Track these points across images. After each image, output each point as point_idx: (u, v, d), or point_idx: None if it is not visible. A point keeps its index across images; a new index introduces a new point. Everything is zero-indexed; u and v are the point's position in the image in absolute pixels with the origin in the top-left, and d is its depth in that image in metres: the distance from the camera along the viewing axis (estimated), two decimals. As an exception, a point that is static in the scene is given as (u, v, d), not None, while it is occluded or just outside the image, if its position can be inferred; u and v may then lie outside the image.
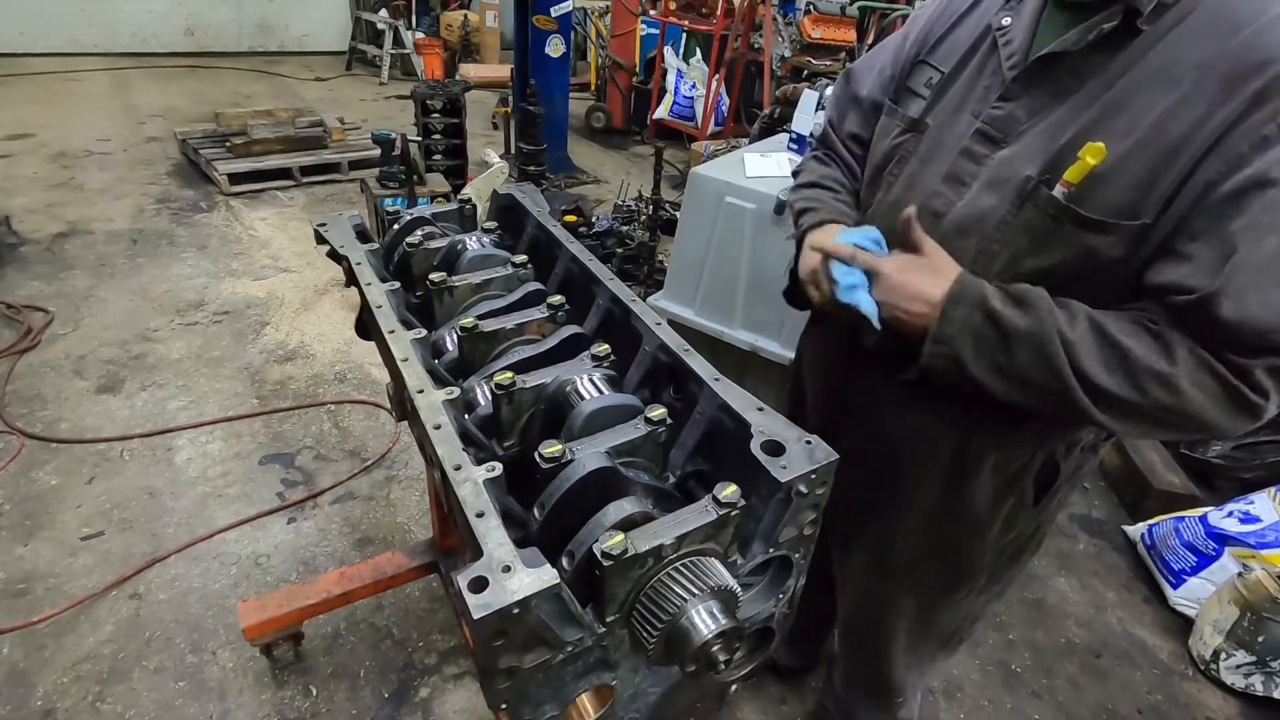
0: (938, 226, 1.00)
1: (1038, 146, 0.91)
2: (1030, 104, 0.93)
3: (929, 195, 1.01)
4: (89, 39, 8.13)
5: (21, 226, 4.19)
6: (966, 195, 0.97)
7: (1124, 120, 0.84)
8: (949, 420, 1.08)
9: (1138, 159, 0.83)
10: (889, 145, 1.11)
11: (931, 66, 1.08)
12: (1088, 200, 0.86)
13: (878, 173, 1.12)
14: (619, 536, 0.74)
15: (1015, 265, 0.93)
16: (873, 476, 1.22)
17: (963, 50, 1.04)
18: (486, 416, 1.05)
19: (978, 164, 0.97)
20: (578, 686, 0.83)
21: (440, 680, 1.99)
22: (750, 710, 1.99)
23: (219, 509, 2.46)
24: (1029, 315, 0.88)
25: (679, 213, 2.80)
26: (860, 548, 1.35)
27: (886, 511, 1.24)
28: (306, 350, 3.36)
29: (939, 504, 1.17)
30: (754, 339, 2.55)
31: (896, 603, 1.36)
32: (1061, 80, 0.91)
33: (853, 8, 5.46)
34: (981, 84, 1.00)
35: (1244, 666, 2.13)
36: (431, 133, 4.57)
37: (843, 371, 1.21)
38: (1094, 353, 0.85)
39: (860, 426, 1.21)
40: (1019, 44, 0.96)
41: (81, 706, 1.85)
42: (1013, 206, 0.92)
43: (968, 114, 1.00)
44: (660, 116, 6.73)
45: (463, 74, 7.71)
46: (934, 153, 1.03)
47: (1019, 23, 0.97)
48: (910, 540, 1.24)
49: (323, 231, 1.44)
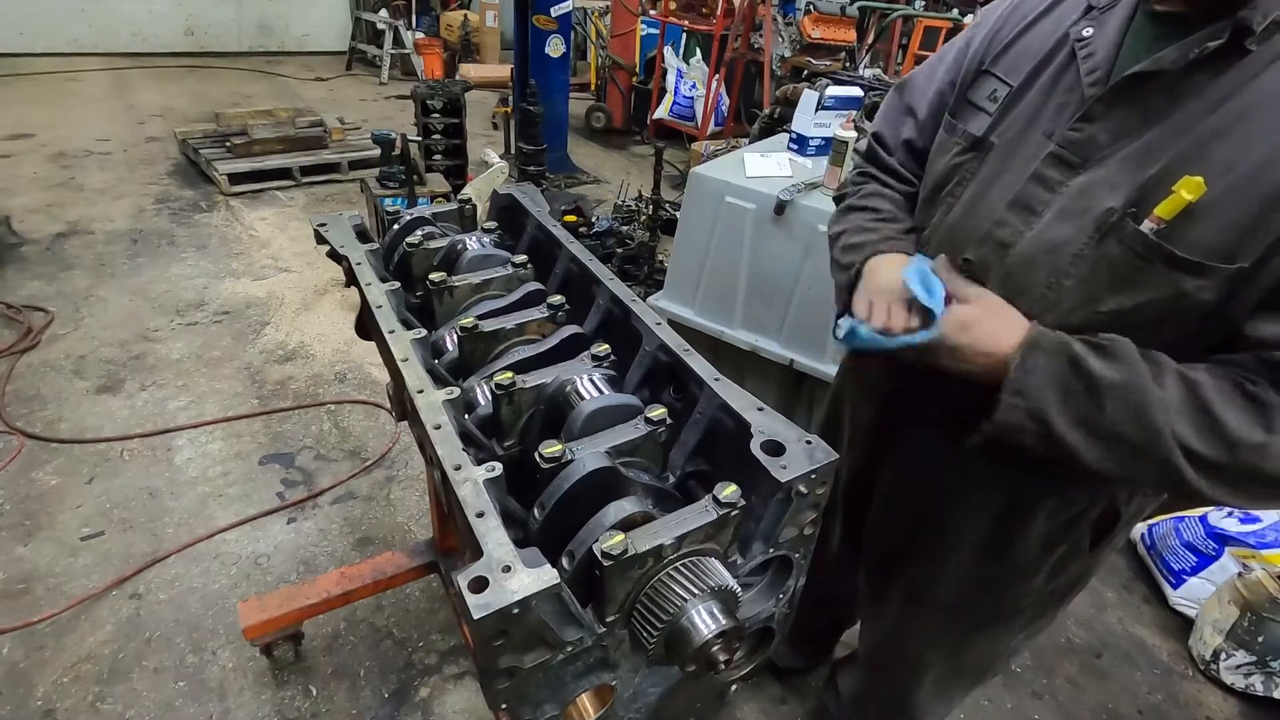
0: (1004, 258, 0.91)
1: (1122, 175, 0.82)
2: (1114, 127, 0.83)
3: (994, 223, 0.92)
4: (89, 39, 8.13)
5: (21, 226, 4.19)
6: (1037, 225, 0.88)
7: (1227, 152, 0.75)
8: (1005, 463, 0.98)
9: (1241, 197, 0.74)
10: (948, 164, 1.01)
11: (997, 78, 0.97)
12: (1180, 239, 0.77)
13: (935, 193, 1.04)
14: (619, 536, 0.74)
15: (1091, 304, 0.84)
16: (916, 515, 1.17)
17: (1034, 61, 0.94)
18: (486, 416, 1.05)
19: (1051, 191, 0.87)
20: (578, 686, 0.82)
21: (440, 680, 1.99)
22: (750, 710, 1.99)
23: (219, 509, 2.46)
24: (1118, 365, 0.79)
25: (679, 213, 2.80)
26: (898, 583, 1.30)
27: (929, 550, 1.18)
28: (306, 350, 3.36)
29: (986, 547, 1.10)
30: (754, 339, 2.55)
31: (932, 639, 1.31)
32: (1152, 102, 0.81)
33: (853, 8, 5.46)
34: (1055, 101, 0.90)
35: (1244, 666, 2.13)
36: (431, 133, 4.57)
37: (887, 407, 1.14)
38: (1184, 412, 0.77)
39: (904, 464, 1.16)
40: (1102, 58, 0.86)
41: (81, 706, 1.85)
42: (1091, 239, 0.83)
43: (1039, 134, 0.90)
44: (660, 116, 6.74)
45: (463, 74, 7.71)
46: (999, 175, 0.94)
47: (1103, 34, 0.87)
48: (952, 580, 1.18)
49: (323, 231, 1.44)
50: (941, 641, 1.30)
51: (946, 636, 1.29)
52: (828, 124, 2.61)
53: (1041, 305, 0.87)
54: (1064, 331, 0.85)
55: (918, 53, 6.36)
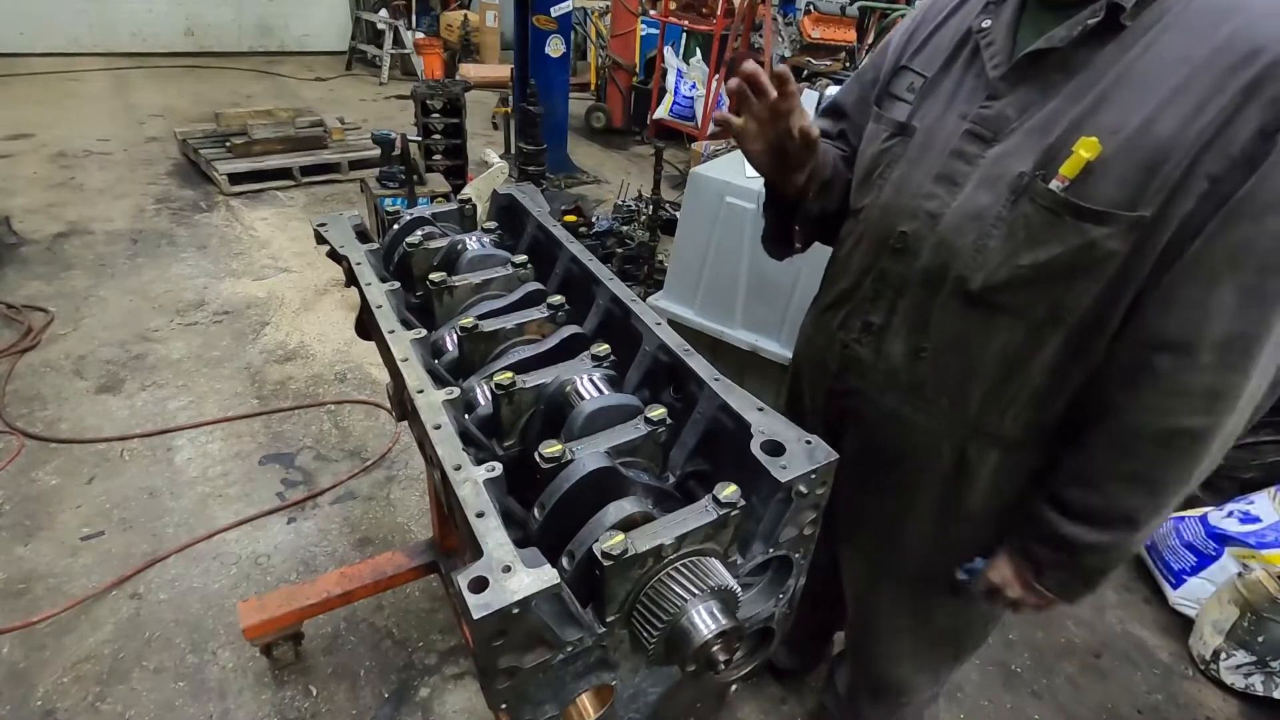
0: (934, 228, 1.00)
1: (1029, 143, 0.91)
2: (1018, 101, 0.94)
3: (922, 197, 1.02)
4: (89, 39, 8.13)
5: (21, 226, 4.19)
6: (960, 195, 0.98)
7: (1114, 115, 0.85)
8: (953, 422, 1.08)
9: (1131, 152, 0.83)
10: (877, 150, 1.11)
11: (914, 72, 1.09)
12: (1083, 193, 0.86)
13: (867, 177, 1.13)
14: (619, 536, 0.74)
15: (1012, 260, 0.93)
16: (874, 477, 1.22)
17: (945, 54, 1.05)
18: (486, 416, 1.05)
19: (969, 164, 0.98)
20: (578, 686, 0.82)
21: (440, 680, 1.99)
22: (750, 710, 1.99)
23: (219, 509, 2.46)
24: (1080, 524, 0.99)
25: (679, 213, 2.80)
26: (863, 551, 1.35)
27: (887, 511, 1.23)
28: (306, 350, 3.36)
29: (940, 507, 1.16)
30: (754, 339, 2.55)
31: (899, 608, 1.35)
32: (1049, 76, 0.91)
33: (853, 8, 5.46)
34: (966, 85, 1.01)
35: (1244, 666, 2.13)
36: (431, 133, 4.57)
37: (841, 372, 1.21)
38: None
39: (863, 434, 1.21)
40: (1001, 44, 0.97)
41: (81, 706, 1.85)
42: (1008, 202, 0.93)
43: (955, 115, 1.01)
44: (660, 116, 6.73)
45: (463, 74, 7.70)
46: (923, 155, 1.04)
47: (999, 24, 0.98)
48: (912, 545, 1.23)
49: (323, 231, 1.44)
50: (909, 609, 1.34)
51: (913, 603, 1.33)
52: (828, 124, 2.60)
53: (971, 266, 0.97)
54: (991, 289, 0.95)
55: (918, 53, 6.35)
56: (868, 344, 1.13)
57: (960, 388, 1.04)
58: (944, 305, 1.01)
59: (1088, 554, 1.01)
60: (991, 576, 1.13)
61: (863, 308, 1.13)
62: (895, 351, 1.09)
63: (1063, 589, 1.07)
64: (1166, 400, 0.89)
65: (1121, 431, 0.94)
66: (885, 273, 1.08)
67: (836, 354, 1.20)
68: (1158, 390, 0.89)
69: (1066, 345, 0.96)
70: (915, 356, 1.07)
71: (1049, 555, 1.05)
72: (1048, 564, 1.06)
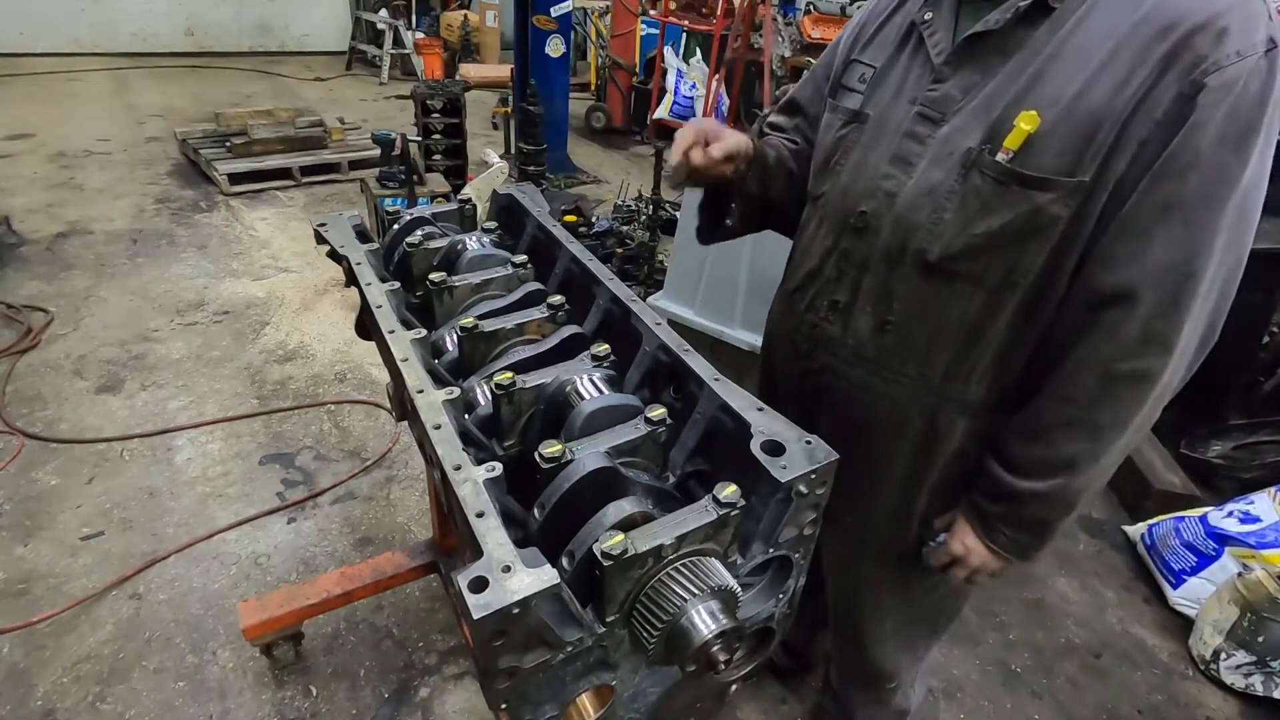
0: (892, 206, 1.06)
1: (974, 120, 0.98)
2: (962, 82, 1.00)
3: (880, 178, 1.08)
4: (89, 39, 8.14)
5: (21, 226, 4.19)
6: (915, 173, 1.04)
7: (1050, 89, 0.91)
8: (921, 390, 1.12)
9: (1067, 123, 0.90)
10: (834, 138, 1.18)
11: (863, 64, 1.16)
12: (1028, 162, 0.92)
13: (826, 164, 1.19)
14: (619, 536, 0.74)
15: (966, 230, 0.99)
16: (848, 450, 1.23)
17: (892, 46, 1.12)
18: (486, 416, 1.05)
19: (921, 144, 1.04)
20: (578, 686, 0.82)
21: (440, 680, 1.99)
22: (750, 710, 1.99)
23: (219, 509, 2.46)
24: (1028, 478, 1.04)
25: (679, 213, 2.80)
26: (839, 527, 1.35)
27: (861, 484, 1.25)
28: (306, 350, 3.36)
29: (910, 477, 1.20)
30: (754, 339, 2.55)
31: (877, 579, 1.37)
32: (988, 58, 0.98)
33: (852, 7, 5.46)
34: (914, 73, 1.08)
35: (1244, 666, 2.13)
36: (431, 133, 4.57)
37: (811, 350, 1.24)
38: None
39: (833, 408, 1.24)
40: (944, 34, 1.04)
41: (81, 706, 1.85)
42: (959, 177, 0.99)
43: (905, 100, 1.07)
44: (660, 116, 6.73)
45: (463, 74, 7.70)
46: (877, 139, 1.10)
47: (940, 16, 1.05)
48: (884, 518, 1.26)
49: (323, 231, 1.44)
50: (887, 586, 1.37)
51: (890, 580, 1.36)
52: (828, 124, 2.60)
53: (929, 238, 1.02)
54: (949, 258, 1.01)
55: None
56: (835, 321, 1.17)
57: (926, 356, 1.09)
58: (905, 278, 1.06)
59: (1031, 503, 1.06)
60: (953, 546, 1.17)
61: (828, 287, 1.18)
62: (862, 326, 1.14)
63: (1013, 546, 1.12)
64: (1108, 348, 0.94)
65: (1064, 381, 1.00)
66: (848, 252, 1.13)
67: (806, 334, 1.24)
68: (1099, 340, 0.95)
69: (1021, 308, 1.01)
70: (881, 329, 1.11)
71: (995, 509, 1.10)
72: (995, 518, 1.11)
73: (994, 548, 1.12)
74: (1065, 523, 1.10)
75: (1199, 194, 0.86)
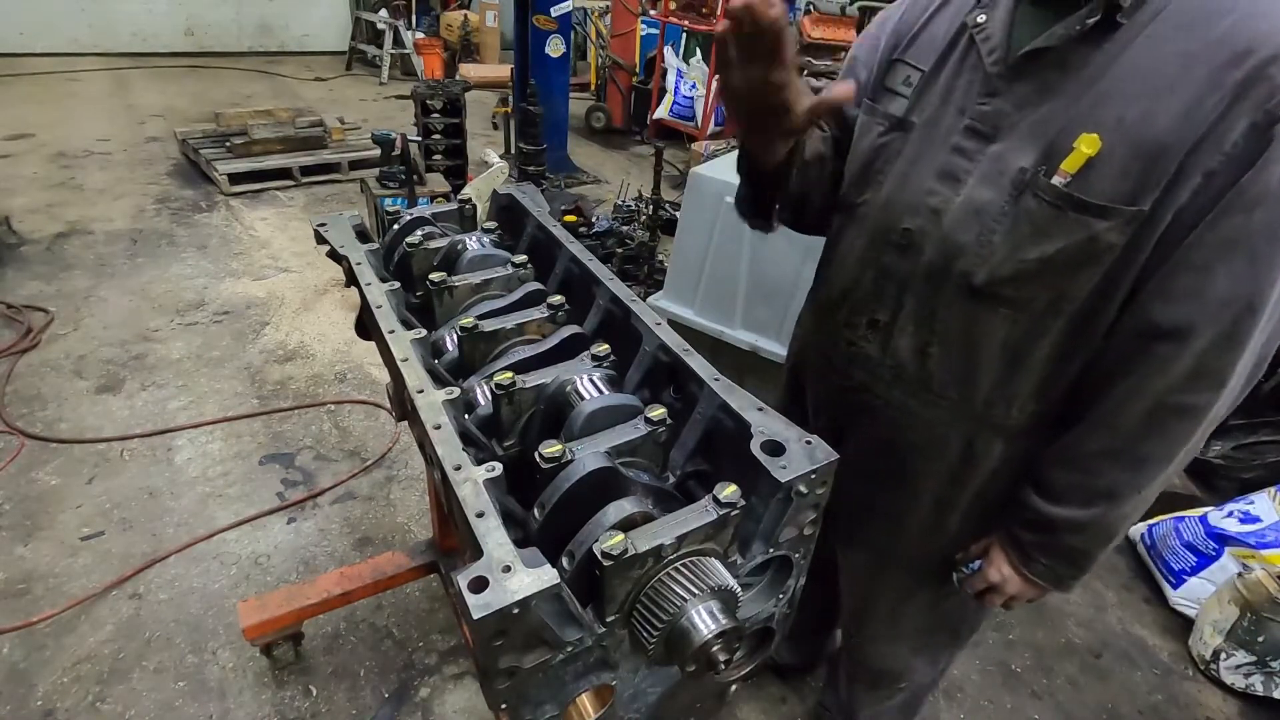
0: (938, 224, 1.01)
1: (1029, 139, 0.93)
2: (1016, 98, 0.95)
3: (925, 193, 1.03)
4: (89, 39, 8.13)
5: (21, 226, 4.19)
6: (963, 191, 0.99)
7: (1113, 111, 0.87)
8: (961, 414, 1.10)
9: (1130, 148, 0.85)
10: (872, 144, 1.11)
11: (908, 64, 1.08)
12: (1085, 188, 0.88)
13: (864, 171, 1.13)
14: (619, 536, 0.74)
15: (1017, 254, 0.95)
16: (881, 470, 1.22)
17: (940, 48, 1.05)
18: (486, 416, 1.05)
19: (970, 160, 0.99)
20: (578, 686, 0.82)
21: (440, 680, 1.99)
22: (750, 710, 1.99)
23: (219, 509, 2.46)
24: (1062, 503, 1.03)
25: (679, 213, 2.80)
26: (866, 542, 1.36)
27: (893, 503, 1.24)
28: (306, 350, 3.36)
29: (944, 496, 1.18)
30: (754, 339, 2.55)
31: (901, 591, 1.36)
32: (1046, 74, 0.92)
33: (853, 8, 5.46)
34: (963, 80, 1.01)
35: (1244, 666, 2.13)
36: (431, 133, 4.57)
37: (848, 369, 1.21)
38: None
39: (867, 426, 1.21)
40: (998, 40, 0.97)
41: (81, 706, 1.85)
42: (1010, 198, 0.94)
43: (953, 110, 1.01)
44: (660, 116, 6.73)
45: (463, 74, 7.70)
46: (923, 151, 1.04)
47: (994, 19, 0.98)
48: (915, 534, 1.24)
49: (323, 231, 1.43)
50: (910, 597, 1.36)
51: (915, 591, 1.35)
52: (828, 124, 2.60)
53: (976, 260, 0.98)
54: (996, 283, 0.97)
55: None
56: (874, 341, 1.13)
57: (967, 381, 1.06)
58: (948, 300, 1.02)
59: (1069, 532, 1.04)
60: (989, 575, 1.15)
61: (867, 305, 1.13)
62: (902, 347, 1.10)
63: (1051, 575, 1.10)
64: (1159, 380, 0.91)
65: (1109, 410, 0.97)
66: (889, 269, 1.08)
67: (842, 351, 1.20)
68: (1151, 373, 0.92)
69: (1066, 334, 0.98)
70: (922, 352, 1.08)
71: (1032, 538, 1.08)
72: (1032, 547, 1.09)
73: (1031, 577, 1.11)
74: (1104, 553, 1.08)
75: (1266, 230, 0.83)
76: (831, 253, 1.24)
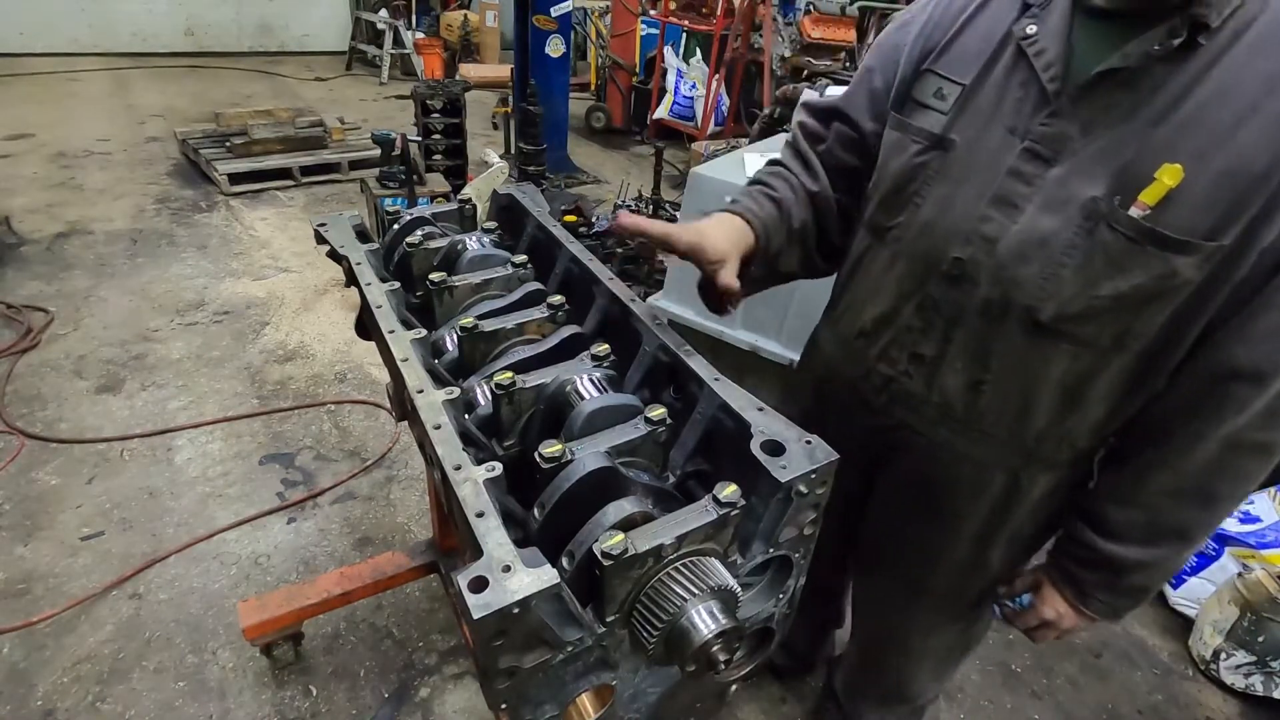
0: (992, 254, 0.94)
1: (1096, 166, 0.86)
2: (1081, 120, 0.87)
3: (977, 219, 0.95)
4: (89, 39, 8.13)
5: (21, 226, 4.19)
6: (1021, 218, 0.91)
7: (1198, 140, 0.80)
8: (1009, 452, 1.06)
9: (1212, 180, 0.80)
10: (908, 163, 1.02)
11: (940, 76, 1.00)
12: (1166, 221, 0.82)
13: (898, 192, 1.04)
14: (619, 536, 0.74)
15: (1089, 290, 0.88)
16: (915, 508, 1.19)
17: (980, 59, 0.96)
18: (486, 416, 1.05)
19: (1029, 184, 0.91)
20: (578, 686, 0.82)
21: (440, 680, 1.99)
22: (750, 710, 1.98)
23: (219, 509, 2.46)
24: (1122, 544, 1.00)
25: (679, 213, 2.80)
26: (896, 575, 1.32)
27: (928, 540, 1.21)
28: (306, 350, 3.36)
29: (984, 532, 1.14)
30: (754, 339, 2.55)
31: (928, 624, 1.34)
32: (1114, 95, 0.85)
33: (853, 8, 5.45)
34: (1012, 96, 0.93)
35: (1244, 666, 2.13)
36: (431, 133, 4.57)
37: (887, 406, 1.14)
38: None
39: (902, 462, 1.17)
40: (1055, 54, 0.89)
41: (81, 706, 1.85)
42: (1081, 229, 0.87)
43: (1001, 129, 0.93)
44: (660, 116, 6.73)
45: (463, 74, 7.70)
46: (968, 172, 0.96)
47: (1047, 31, 0.90)
48: (951, 569, 1.21)
49: (323, 231, 1.43)
50: (938, 628, 1.34)
51: (944, 623, 1.33)
52: (828, 124, 2.60)
53: (1040, 296, 0.91)
54: (1064, 319, 0.91)
55: (918, 53, 6.35)
56: (918, 377, 1.07)
57: (1020, 419, 1.01)
58: (1005, 335, 0.96)
59: (1135, 572, 1.01)
60: (1044, 612, 1.12)
61: (909, 338, 1.06)
62: (951, 384, 1.04)
63: (1109, 610, 1.07)
64: (1234, 422, 0.88)
65: (1177, 449, 0.93)
66: (937, 301, 1.01)
67: (878, 386, 1.13)
68: (1226, 413, 0.88)
69: (1128, 370, 0.94)
70: (973, 389, 1.02)
71: (1092, 577, 1.05)
72: (1092, 585, 1.06)
73: (1088, 613, 1.08)
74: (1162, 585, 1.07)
75: None
76: (858, 275, 1.16)
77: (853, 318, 1.17)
